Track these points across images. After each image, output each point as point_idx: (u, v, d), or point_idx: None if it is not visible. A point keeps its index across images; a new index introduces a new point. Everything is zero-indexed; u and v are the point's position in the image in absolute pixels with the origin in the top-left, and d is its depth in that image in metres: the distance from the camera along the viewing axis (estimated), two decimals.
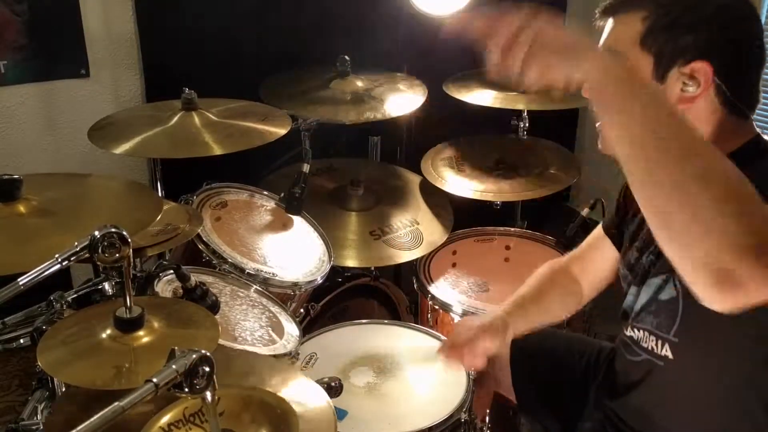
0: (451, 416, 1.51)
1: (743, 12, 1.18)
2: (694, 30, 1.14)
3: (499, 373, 1.69)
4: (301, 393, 1.24)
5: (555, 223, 1.98)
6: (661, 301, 1.27)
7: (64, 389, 1.40)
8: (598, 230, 1.60)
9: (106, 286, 1.53)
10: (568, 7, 3.20)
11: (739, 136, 1.20)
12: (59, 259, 1.06)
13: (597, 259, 1.60)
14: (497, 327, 1.50)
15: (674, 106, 1.14)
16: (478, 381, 1.64)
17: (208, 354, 0.88)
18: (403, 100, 2.26)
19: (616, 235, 1.53)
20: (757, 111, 1.23)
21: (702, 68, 1.14)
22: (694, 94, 1.15)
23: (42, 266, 1.05)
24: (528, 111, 2.45)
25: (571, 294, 1.63)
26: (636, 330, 1.36)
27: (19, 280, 1.05)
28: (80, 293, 1.49)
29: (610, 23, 1.22)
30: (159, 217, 1.38)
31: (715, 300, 0.87)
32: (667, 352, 1.28)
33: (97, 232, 1.05)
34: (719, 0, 1.16)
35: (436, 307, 2.01)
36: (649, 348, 1.32)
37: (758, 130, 1.24)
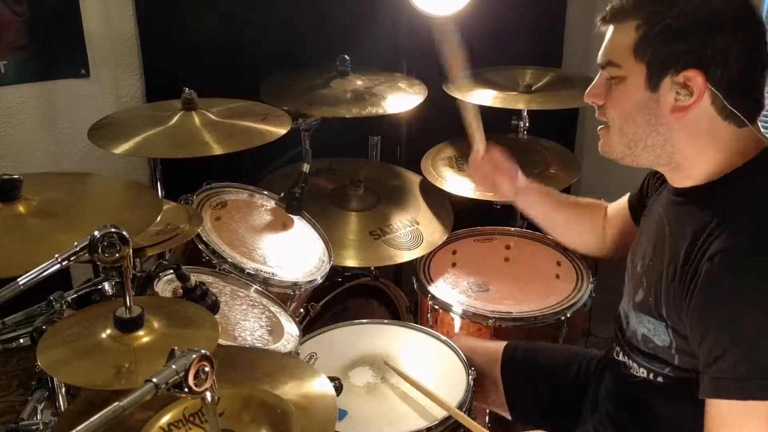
0: (450, 416, 1.51)
1: (739, 15, 1.15)
2: (686, 37, 1.13)
3: (492, 388, 1.69)
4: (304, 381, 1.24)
5: None
6: (657, 345, 1.27)
7: (64, 390, 1.40)
8: (624, 200, 1.61)
9: (106, 286, 1.53)
10: (569, 7, 3.20)
11: (743, 149, 1.17)
12: (59, 259, 1.06)
13: (617, 225, 1.63)
14: (517, 182, 1.76)
15: None
16: (479, 383, 1.64)
17: (208, 354, 0.88)
18: (403, 99, 2.26)
19: (637, 209, 1.52)
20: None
21: (694, 77, 1.13)
22: (687, 103, 1.15)
23: (42, 266, 1.05)
24: (528, 111, 2.45)
25: (595, 233, 1.68)
26: (630, 360, 1.36)
27: (19, 280, 1.05)
28: (80, 293, 1.49)
29: (609, 31, 1.23)
30: (159, 217, 1.38)
31: None
32: (660, 379, 1.29)
33: (97, 232, 1.05)
34: (713, 4, 1.13)
35: (436, 307, 2.01)
36: (641, 378, 1.33)
37: (764, 141, 1.20)
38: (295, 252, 1.99)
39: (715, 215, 1.15)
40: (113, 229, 1.06)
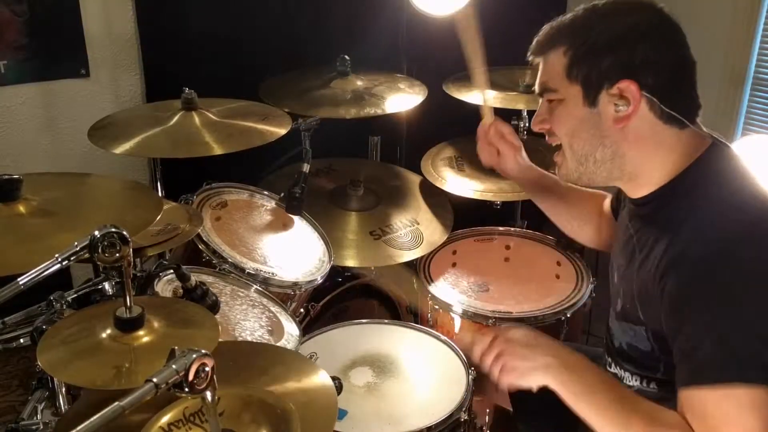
0: (450, 416, 1.51)
1: (656, 22, 1.20)
2: (611, 51, 1.18)
3: (495, 383, 1.69)
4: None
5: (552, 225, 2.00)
6: (642, 352, 1.29)
7: (64, 390, 1.40)
8: (608, 201, 1.63)
9: (106, 286, 1.53)
10: (569, 7, 3.19)
11: (689, 150, 1.21)
12: (59, 259, 1.06)
13: (602, 222, 1.65)
14: (521, 158, 1.77)
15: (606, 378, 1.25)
16: (478, 386, 1.64)
17: (208, 354, 0.88)
18: (403, 99, 2.26)
19: (616, 211, 1.55)
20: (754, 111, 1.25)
21: (627, 86, 1.17)
22: (627, 113, 1.19)
23: (42, 266, 1.05)
24: (528, 111, 2.45)
25: (591, 222, 1.67)
26: (622, 371, 1.37)
27: (19, 280, 1.05)
28: (80, 293, 1.49)
29: (541, 62, 1.29)
30: (159, 217, 1.38)
31: None
32: (653, 386, 1.30)
33: (97, 232, 1.05)
34: (630, 17, 1.19)
35: (436, 306, 2.01)
36: (635, 386, 1.34)
37: (711, 137, 1.24)
38: (295, 252, 1.99)
39: (674, 217, 1.18)
40: (113, 229, 1.06)
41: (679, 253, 1.13)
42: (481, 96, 1.84)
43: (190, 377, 0.87)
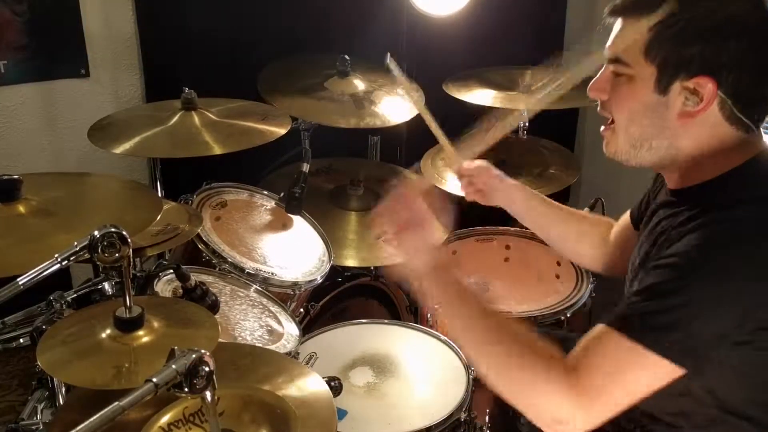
0: (450, 416, 1.51)
1: (755, 22, 1.11)
2: (700, 42, 1.09)
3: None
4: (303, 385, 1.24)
5: None
6: None
7: (64, 390, 1.40)
8: (627, 216, 1.57)
9: (106, 286, 1.54)
10: (569, 7, 3.20)
11: (741, 151, 1.16)
12: (59, 259, 1.06)
13: (622, 237, 1.58)
14: (508, 182, 1.69)
15: (475, 299, 1.24)
16: (479, 383, 1.64)
17: (208, 354, 0.88)
18: (402, 105, 2.26)
19: (638, 221, 1.50)
20: None
21: (705, 84, 1.10)
22: (695, 109, 1.12)
23: (42, 266, 1.05)
24: (528, 111, 2.45)
25: (601, 246, 1.61)
26: None
27: (19, 280, 1.05)
28: (80, 293, 1.49)
29: (619, 24, 1.19)
30: (159, 217, 1.38)
31: None
32: None
33: (96, 232, 1.06)
34: (730, 9, 1.10)
35: (437, 307, 2.01)
36: None
37: (763, 140, 1.19)
38: (295, 252, 1.99)
39: (703, 210, 1.14)
40: (113, 229, 1.06)
41: (694, 228, 1.10)
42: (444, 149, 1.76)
43: (190, 377, 0.87)
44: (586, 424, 1.07)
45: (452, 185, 2.28)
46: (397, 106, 2.26)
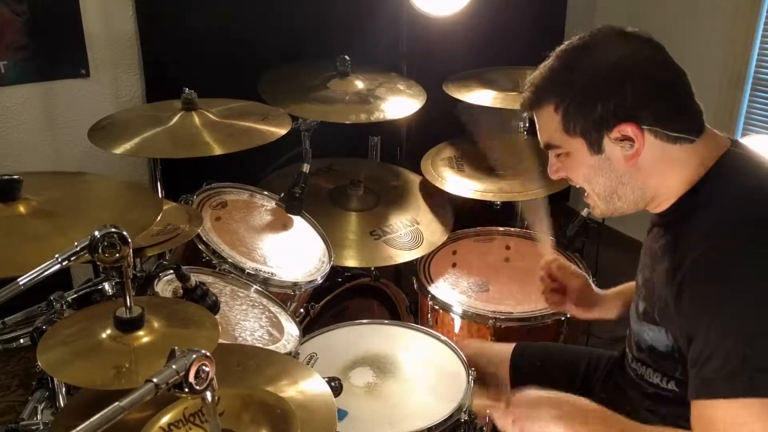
0: (451, 416, 1.51)
1: (633, 53, 1.18)
2: (600, 98, 1.17)
3: (501, 389, 1.69)
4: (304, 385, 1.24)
5: (555, 223, 1.98)
6: (662, 352, 1.28)
7: (64, 390, 1.40)
8: None
9: (106, 286, 1.54)
10: (569, 8, 3.20)
11: (705, 156, 1.20)
12: (59, 259, 1.06)
13: None
14: (593, 289, 1.61)
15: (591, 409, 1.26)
16: (479, 383, 1.64)
17: (208, 354, 0.88)
18: (403, 102, 2.26)
19: None
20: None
21: (627, 128, 1.16)
22: (635, 150, 1.18)
23: (42, 266, 1.05)
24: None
25: None
26: (642, 366, 1.37)
27: (19, 280, 1.04)
28: (80, 293, 1.49)
29: (535, 118, 1.29)
30: (159, 217, 1.38)
31: None
32: (672, 386, 1.29)
33: (97, 232, 1.05)
34: (609, 58, 1.17)
35: (436, 307, 2.01)
36: (655, 383, 1.33)
37: (727, 138, 1.23)
38: (295, 252, 1.99)
39: (691, 223, 1.18)
40: (113, 229, 1.06)
41: (693, 260, 1.12)
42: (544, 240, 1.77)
43: (190, 377, 0.86)
44: None
45: (452, 185, 2.29)
46: (401, 101, 2.26)
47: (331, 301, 2.13)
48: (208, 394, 0.90)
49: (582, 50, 1.21)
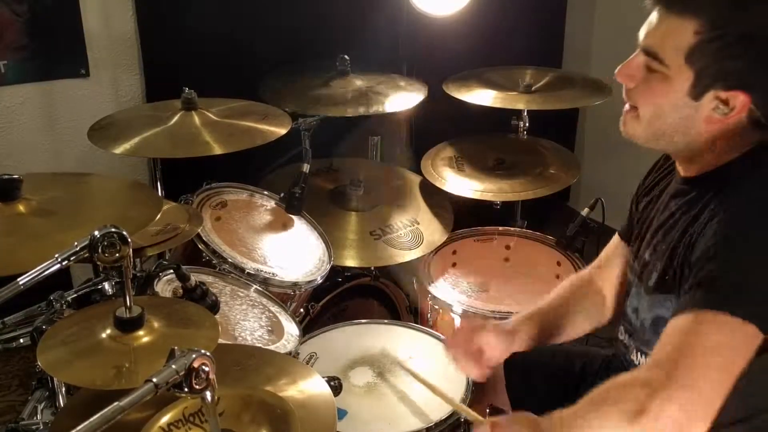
0: (450, 416, 1.51)
1: None
2: (742, 58, 1.09)
3: (494, 385, 1.69)
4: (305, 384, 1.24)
5: (555, 223, 1.98)
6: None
7: (64, 390, 1.40)
8: (616, 237, 1.56)
9: (106, 286, 1.54)
10: (569, 7, 3.20)
11: (749, 139, 1.18)
12: (59, 259, 1.06)
13: (618, 264, 1.53)
14: (502, 328, 1.45)
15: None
16: (478, 383, 1.64)
17: (208, 354, 0.88)
18: (403, 98, 2.26)
19: (629, 235, 1.50)
20: None
21: (739, 98, 1.10)
22: (723, 118, 1.13)
23: (42, 266, 1.05)
24: (528, 111, 2.45)
25: (595, 305, 1.54)
26: (642, 355, 1.34)
27: (19, 280, 1.05)
28: (80, 293, 1.49)
29: (661, 16, 1.16)
30: (159, 216, 1.38)
31: None
32: None
33: (97, 232, 1.05)
34: None
35: (436, 307, 2.01)
36: None
37: None
38: (295, 252, 1.99)
39: (722, 192, 1.16)
40: (113, 229, 1.06)
41: (722, 218, 1.11)
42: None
43: (190, 377, 0.86)
44: (695, 417, 1.02)
45: (452, 185, 2.29)
46: (400, 96, 2.26)
47: (331, 301, 2.13)
48: (208, 394, 0.90)
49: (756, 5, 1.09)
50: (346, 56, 2.29)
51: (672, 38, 1.12)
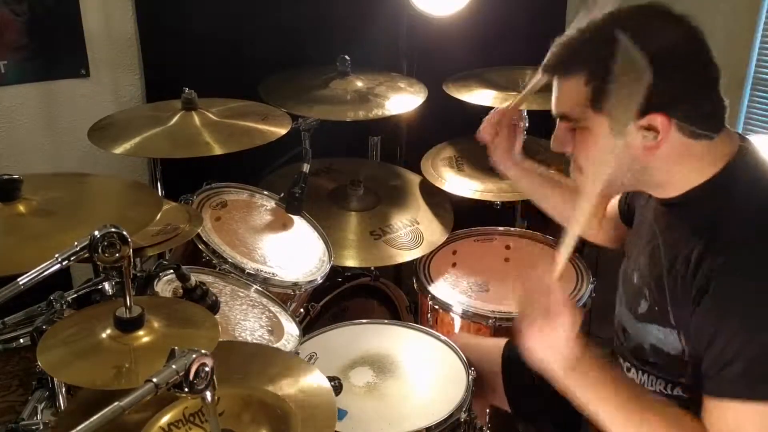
0: (450, 416, 1.51)
1: (682, 42, 1.13)
2: None
3: (493, 384, 1.69)
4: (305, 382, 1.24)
5: (555, 223, 1.97)
6: (669, 354, 1.24)
7: (64, 390, 1.40)
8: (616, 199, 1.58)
9: (106, 286, 1.53)
10: (569, 7, 3.19)
11: (721, 153, 1.18)
12: (59, 259, 1.06)
13: (614, 219, 1.59)
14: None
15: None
16: (478, 383, 1.64)
17: (208, 354, 0.88)
18: (403, 99, 2.26)
19: (625, 212, 1.52)
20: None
21: (657, 119, 1.11)
22: (656, 143, 1.13)
23: (42, 266, 1.06)
24: (528, 111, 2.45)
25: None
26: (639, 373, 1.34)
27: (19, 280, 1.05)
28: (80, 293, 1.49)
29: (556, 83, 1.21)
30: (159, 216, 1.38)
31: None
32: (678, 392, 1.26)
33: (97, 232, 1.06)
34: (659, 43, 1.10)
35: (436, 307, 2.01)
36: (658, 391, 1.29)
37: (738, 135, 1.21)
38: (295, 252, 1.99)
39: (708, 218, 1.15)
40: (113, 229, 1.06)
41: (722, 263, 1.10)
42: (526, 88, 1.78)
43: (190, 377, 0.87)
44: None
45: (452, 185, 2.29)
46: (401, 97, 2.26)
47: (331, 301, 2.13)
48: (208, 394, 0.90)
49: (631, 25, 1.10)
50: (346, 56, 2.30)
51: (571, 97, 1.17)
